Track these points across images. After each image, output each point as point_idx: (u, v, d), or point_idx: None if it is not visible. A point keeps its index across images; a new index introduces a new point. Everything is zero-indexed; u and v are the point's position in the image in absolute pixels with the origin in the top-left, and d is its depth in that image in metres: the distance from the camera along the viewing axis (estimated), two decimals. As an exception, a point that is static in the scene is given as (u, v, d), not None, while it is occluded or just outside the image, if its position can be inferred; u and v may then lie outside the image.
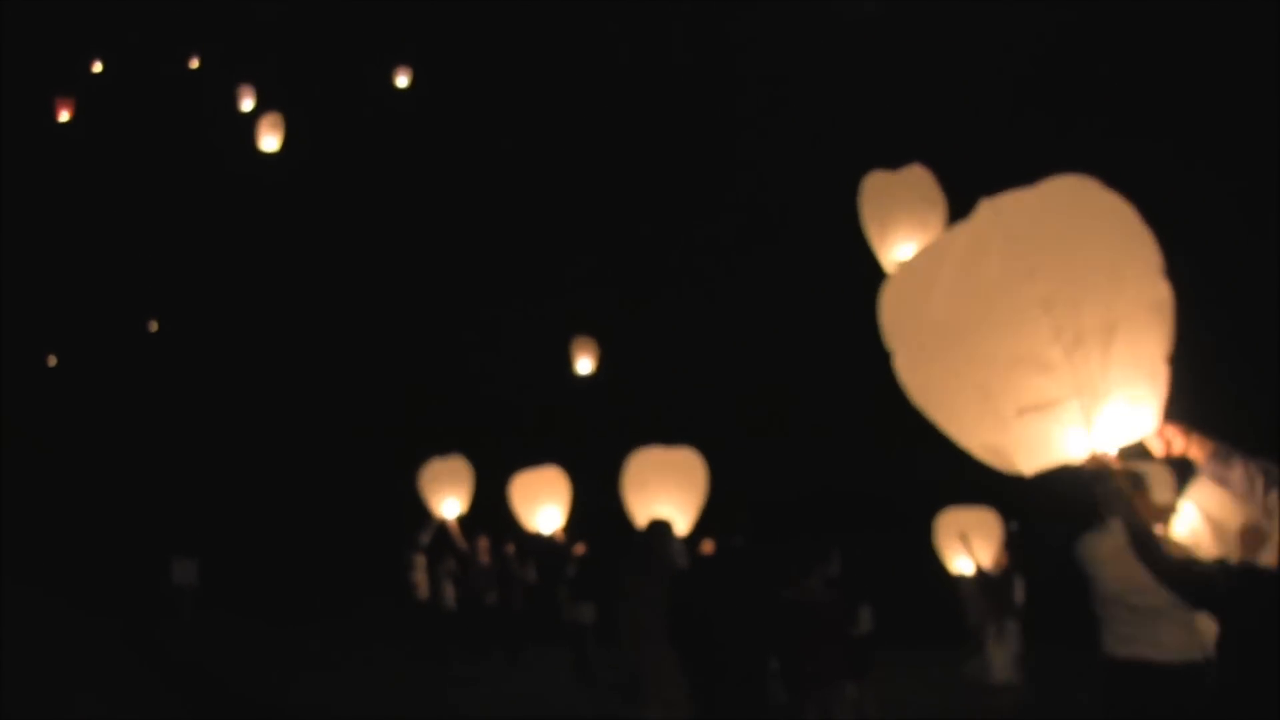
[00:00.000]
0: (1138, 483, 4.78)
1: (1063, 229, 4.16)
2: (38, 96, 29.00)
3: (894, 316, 4.56)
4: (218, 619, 19.39)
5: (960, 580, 10.38)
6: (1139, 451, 4.40)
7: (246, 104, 24.92)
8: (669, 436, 11.28)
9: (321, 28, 29.13)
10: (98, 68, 30.44)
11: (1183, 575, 4.15)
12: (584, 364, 20.02)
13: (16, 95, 29.15)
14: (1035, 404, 4.08)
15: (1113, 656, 6.09)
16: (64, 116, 28.25)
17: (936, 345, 4.31)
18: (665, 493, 10.75)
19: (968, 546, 10.49)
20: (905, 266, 4.65)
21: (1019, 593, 9.91)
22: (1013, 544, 10.23)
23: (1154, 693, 5.93)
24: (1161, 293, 4.15)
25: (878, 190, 9.65)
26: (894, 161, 9.95)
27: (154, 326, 31.05)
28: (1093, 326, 4.01)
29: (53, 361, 31.77)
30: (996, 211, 4.21)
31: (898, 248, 9.37)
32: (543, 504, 13.13)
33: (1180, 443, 4.45)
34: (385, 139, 27.73)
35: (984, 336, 4.12)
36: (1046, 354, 4.00)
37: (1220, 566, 4.20)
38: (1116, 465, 4.22)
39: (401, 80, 26.04)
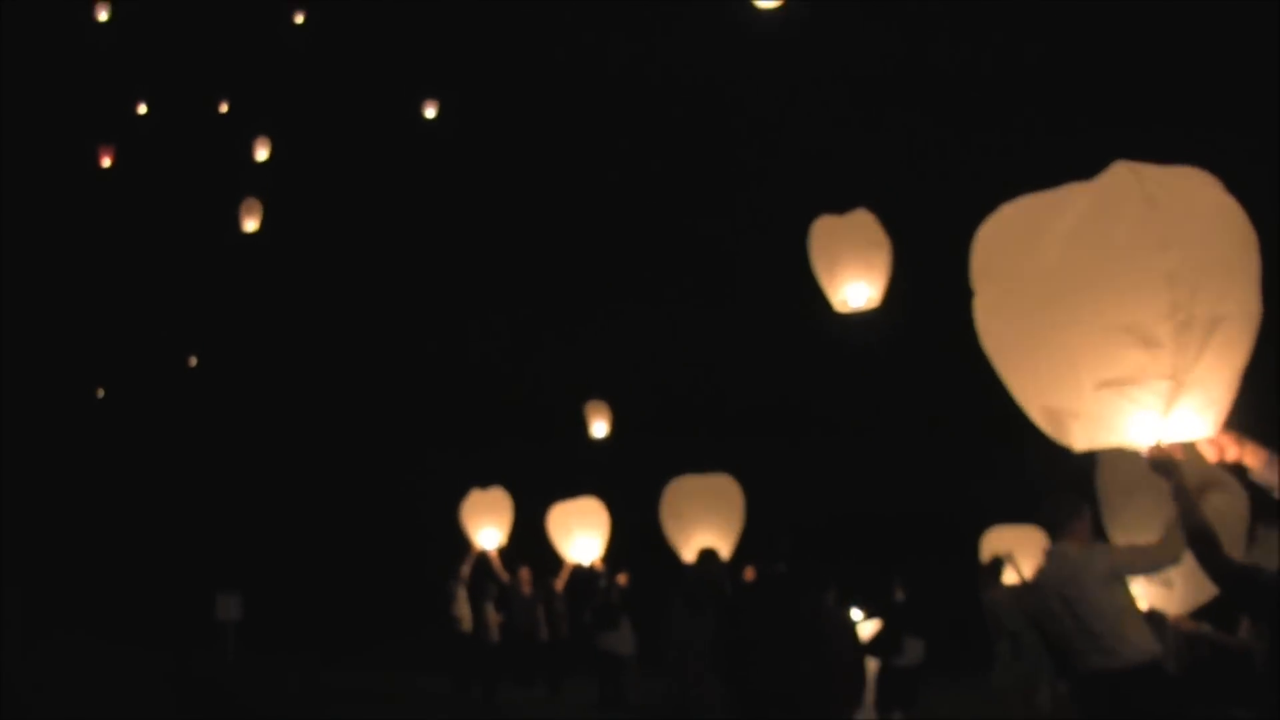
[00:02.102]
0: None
1: (1196, 211, 4.06)
2: (81, 140, 29.52)
3: (990, 255, 4.39)
4: (262, 653, 19.45)
5: (995, 593, 10.25)
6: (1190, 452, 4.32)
7: (261, 154, 25.24)
8: (710, 463, 11.25)
9: (349, 60, 29.37)
10: (141, 109, 30.89)
11: (1242, 580, 4.02)
12: (599, 428, 19.66)
13: (61, 140, 29.71)
14: (1122, 378, 3.96)
15: (1093, 669, 6.02)
16: (106, 163, 28.72)
17: (1034, 294, 4.12)
18: (703, 520, 10.72)
19: (1013, 564, 10.38)
20: (1013, 208, 4.38)
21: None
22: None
23: (1135, 693, 5.87)
24: (1257, 305, 4.10)
25: (825, 234, 10.09)
26: (838, 195, 10.42)
27: (193, 361, 31.37)
28: (1202, 315, 3.91)
29: (100, 394, 32.16)
30: (1136, 176, 4.08)
31: (846, 288, 9.87)
32: (580, 534, 13.16)
33: (1233, 450, 4.36)
34: (414, 167, 27.88)
35: (1094, 298, 3.94)
36: (1155, 329, 3.87)
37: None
38: (1181, 457, 4.14)
39: (429, 111, 26.21)
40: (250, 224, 22.56)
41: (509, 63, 27.38)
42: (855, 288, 9.86)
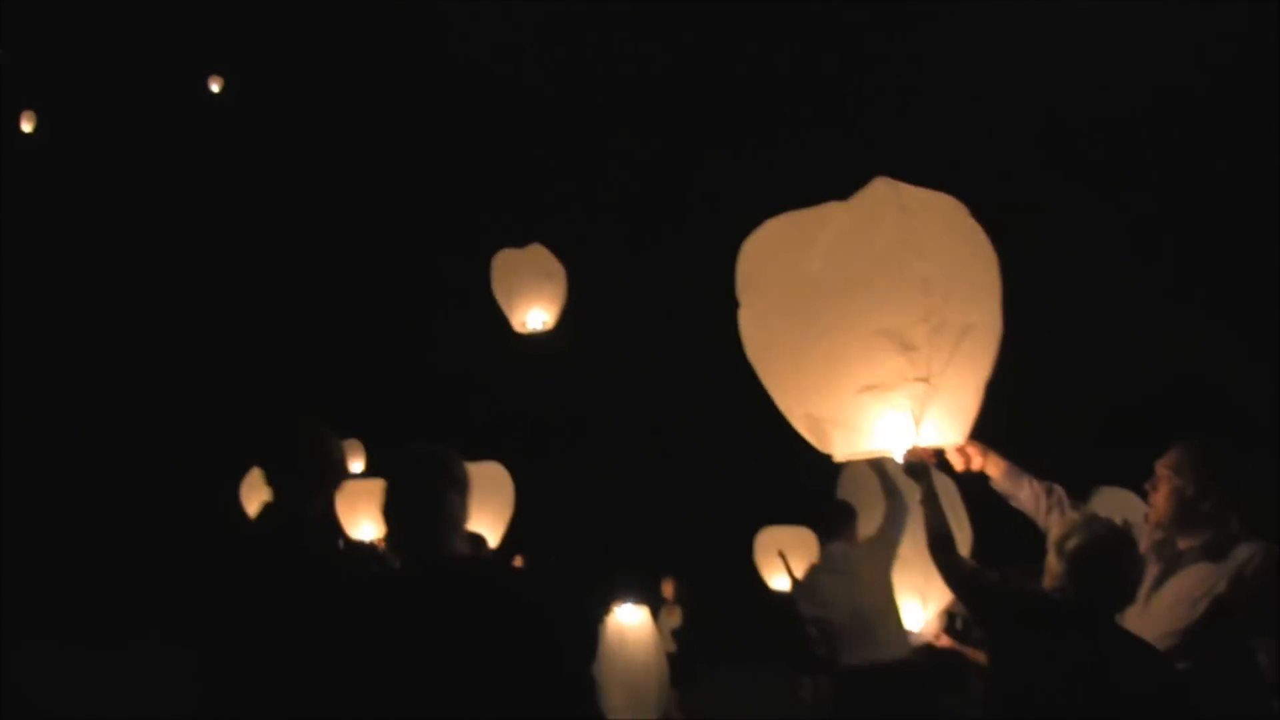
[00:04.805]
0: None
1: (947, 227, 4.21)
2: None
3: (754, 268, 4.47)
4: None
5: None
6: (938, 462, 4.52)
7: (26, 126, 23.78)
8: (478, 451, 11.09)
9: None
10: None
11: (970, 585, 4.16)
12: None
13: None
14: (881, 382, 4.05)
15: (859, 662, 6.45)
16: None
17: (797, 304, 4.13)
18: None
19: (786, 564, 10.59)
20: (777, 221, 4.51)
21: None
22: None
23: (888, 691, 6.42)
24: (1000, 321, 4.29)
25: (505, 266, 11.08)
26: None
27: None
28: (954, 322, 4.04)
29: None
30: (893, 189, 4.19)
31: (526, 314, 10.90)
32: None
33: (978, 460, 4.60)
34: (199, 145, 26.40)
35: (855, 304, 4.06)
36: (911, 333, 3.99)
37: (1001, 584, 4.25)
38: (933, 463, 4.31)
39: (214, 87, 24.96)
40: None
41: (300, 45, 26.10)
42: (534, 314, 10.85)
